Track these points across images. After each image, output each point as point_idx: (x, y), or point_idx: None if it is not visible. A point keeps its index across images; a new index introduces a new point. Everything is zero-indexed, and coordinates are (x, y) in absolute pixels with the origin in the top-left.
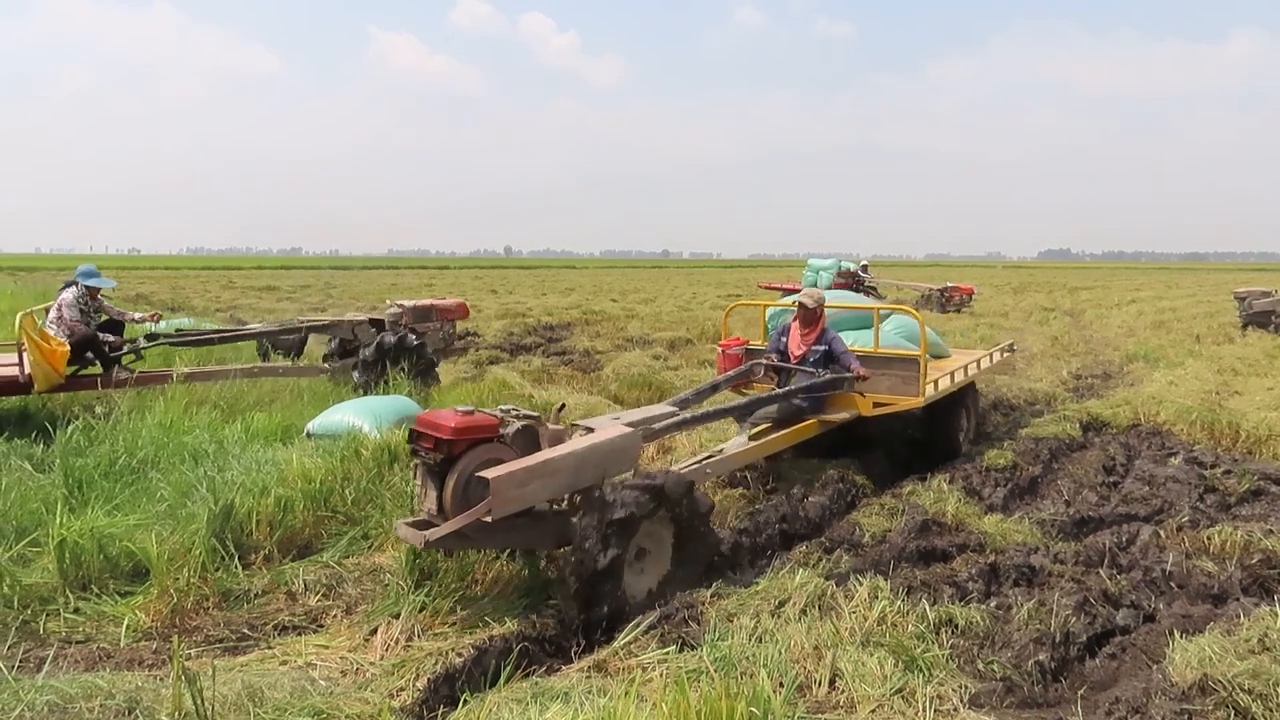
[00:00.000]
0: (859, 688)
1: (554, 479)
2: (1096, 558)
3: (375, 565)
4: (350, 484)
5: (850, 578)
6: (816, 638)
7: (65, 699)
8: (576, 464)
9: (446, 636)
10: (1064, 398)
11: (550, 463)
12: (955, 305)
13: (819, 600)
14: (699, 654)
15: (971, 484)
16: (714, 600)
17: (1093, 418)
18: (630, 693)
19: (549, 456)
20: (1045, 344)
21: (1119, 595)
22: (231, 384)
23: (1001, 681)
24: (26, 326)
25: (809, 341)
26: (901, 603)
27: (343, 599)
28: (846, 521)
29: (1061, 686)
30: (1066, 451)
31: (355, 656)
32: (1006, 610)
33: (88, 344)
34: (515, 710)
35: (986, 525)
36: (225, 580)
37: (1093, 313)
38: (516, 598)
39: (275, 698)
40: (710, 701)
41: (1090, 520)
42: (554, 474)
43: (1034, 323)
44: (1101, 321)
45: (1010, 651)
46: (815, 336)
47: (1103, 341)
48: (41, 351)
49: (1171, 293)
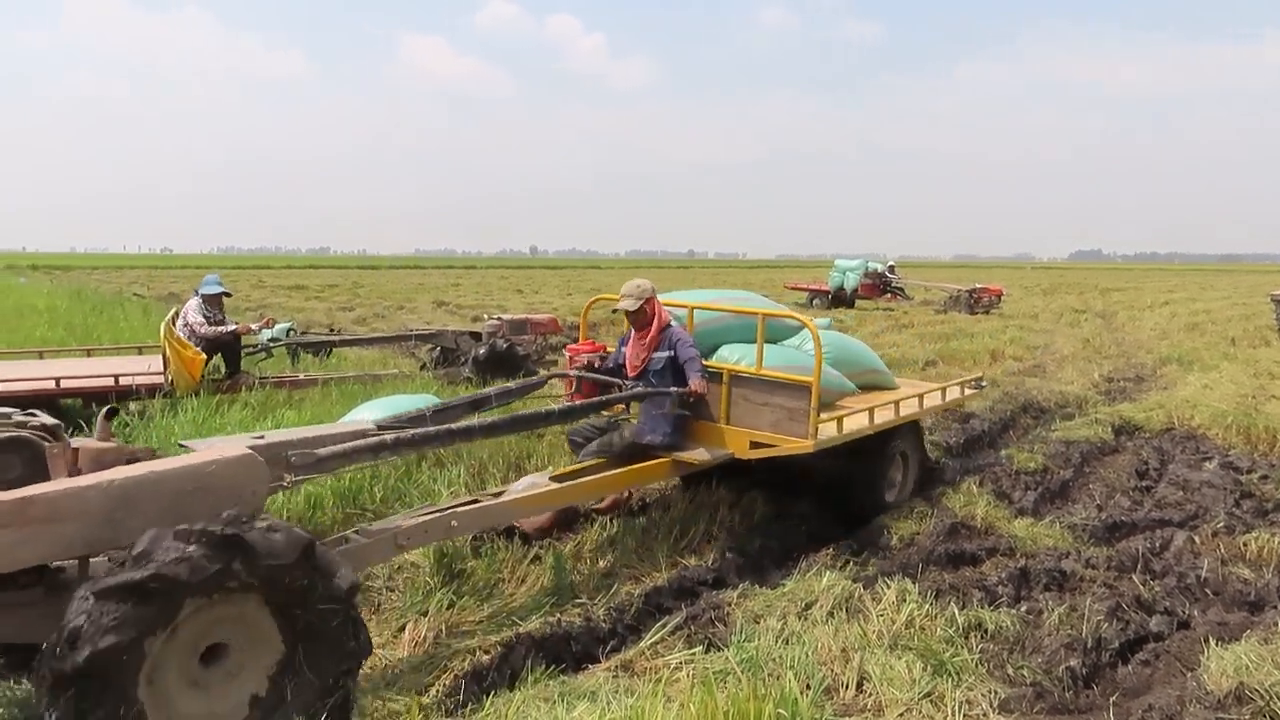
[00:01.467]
0: (887, 691)
1: (51, 529)
2: (1129, 563)
3: (404, 563)
4: (378, 482)
5: (878, 580)
6: (844, 640)
7: None
8: (106, 506)
9: (474, 634)
10: (1095, 400)
11: (35, 502)
12: (984, 307)
13: (846, 602)
14: (725, 655)
15: (1001, 487)
16: (740, 601)
17: (1125, 421)
18: (657, 692)
19: (37, 492)
20: (1076, 346)
21: (1152, 601)
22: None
23: (1032, 687)
24: (168, 336)
25: (646, 348)
26: (930, 606)
27: (372, 596)
28: (874, 524)
29: (1093, 693)
30: (1098, 455)
31: (384, 653)
32: (1037, 615)
33: (220, 349)
34: (543, 709)
35: (1016, 529)
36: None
37: (1125, 315)
38: (543, 596)
39: None
40: (738, 702)
41: (1123, 525)
42: (50, 520)
43: (1065, 324)
44: (1134, 323)
45: (1041, 657)
46: (653, 341)
47: (1135, 344)
48: (181, 360)
49: (1206, 295)
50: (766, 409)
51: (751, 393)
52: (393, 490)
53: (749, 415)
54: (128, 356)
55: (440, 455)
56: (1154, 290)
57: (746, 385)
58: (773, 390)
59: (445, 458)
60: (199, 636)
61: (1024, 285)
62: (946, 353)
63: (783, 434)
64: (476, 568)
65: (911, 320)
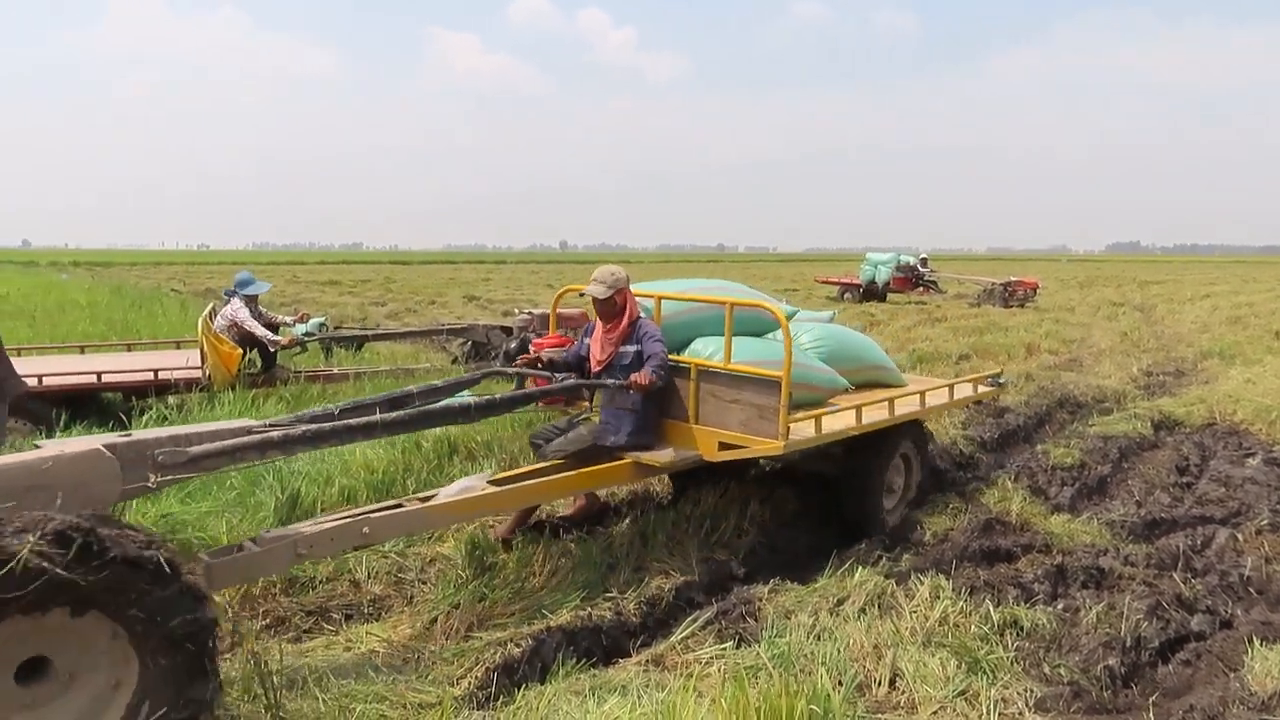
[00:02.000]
0: (920, 688)
1: None
2: (1169, 561)
3: (436, 555)
4: (411, 475)
5: (911, 576)
6: (876, 636)
7: None
8: None
9: (505, 627)
10: (1134, 395)
11: None
12: (1019, 300)
13: (879, 599)
14: (757, 650)
15: (1037, 483)
16: (771, 596)
17: (1165, 416)
18: (688, 687)
19: None
20: (1114, 340)
21: (1193, 600)
22: None
23: (1069, 686)
24: (205, 331)
25: (614, 342)
26: (964, 603)
27: (404, 588)
28: (907, 518)
29: (1132, 693)
30: (1137, 450)
31: (416, 645)
32: (1074, 613)
33: (255, 346)
34: (574, 702)
35: (1053, 525)
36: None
37: (1164, 307)
38: (574, 590)
39: (340, 683)
40: (769, 698)
41: (1162, 522)
42: None
43: (1102, 318)
44: (1173, 317)
45: (1078, 655)
46: (622, 334)
47: (1175, 337)
48: (218, 354)
49: (1249, 287)
50: (736, 407)
51: (720, 389)
52: (424, 483)
53: (717, 414)
54: (166, 351)
55: (471, 448)
56: (1194, 282)
57: (715, 381)
58: (741, 386)
59: (476, 450)
60: (13, 649)
61: (1059, 278)
62: (980, 346)
63: (752, 434)
64: (508, 560)
65: (944, 314)
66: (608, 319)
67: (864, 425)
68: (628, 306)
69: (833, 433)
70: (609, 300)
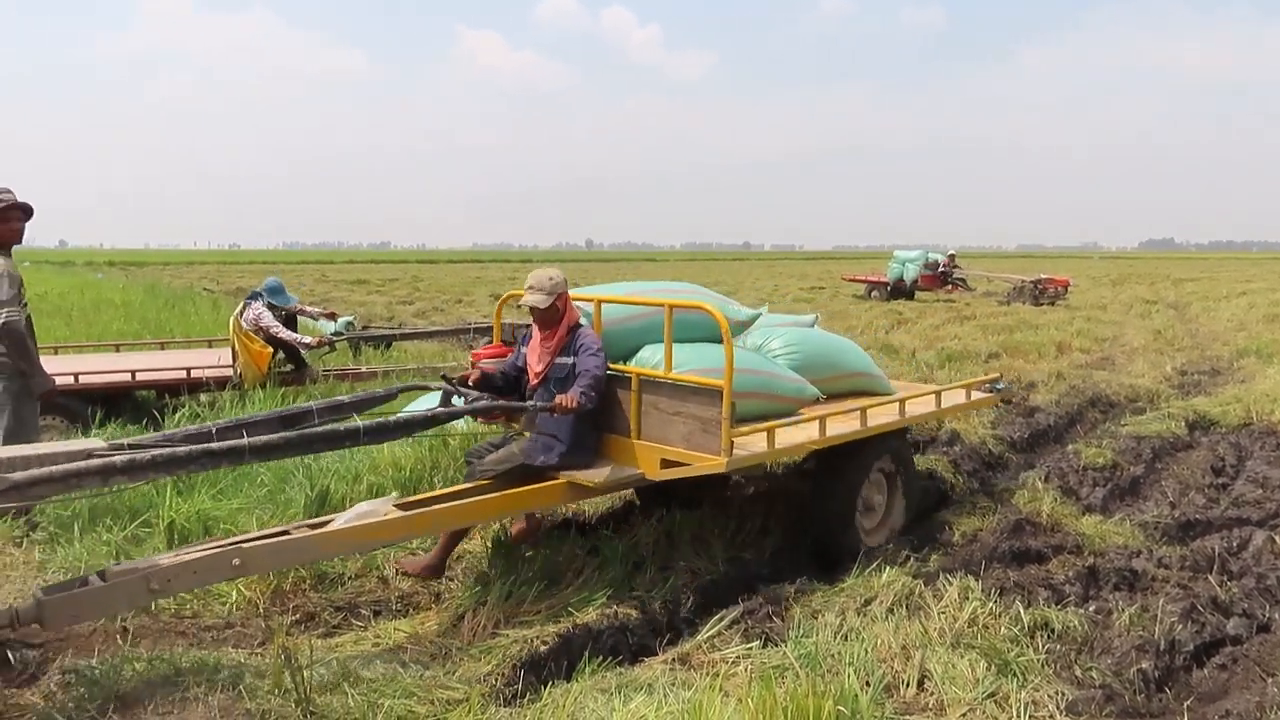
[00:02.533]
0: (949, 690)
1: None
2: (1204, 563)
3: (463, 552)
4: (438, 473)
5: (939, 577)
6: (904, 637)
7: (175, 672)
8: None
9: (531, 624)
10: (1168, 395)
11: None
12: (1050, 298)
13: (907, 599)
14: (783, 650)
15: (1068, 483)
16: (798, 596)
17: (1200, 416)
18: (715, 686)
19: None
20: (1147, 338)
21: (1229, 603)
22: None
23: (1101, 689)
24: (236, 330)
25: (551, 352)
26: (994, 604)
27: (432, 585)
28: (936, 520)
29: (1166, 697)
30: (1171, 451)
31: (444, 641)
32: (1106, 615)
33: (283, 347)
34: (600, 700)
35: (1084, 526)
36: (320, 563)
37: (1199, 305)
38: (600, 588)
39: (369, 678)
40: (797, 698)
41: (1197, 523)
42: None
43: (1135, 316)
44: (1208, 315)
45: (1110, 658)
46: (559, 343)
47: (1210, 336)
48: (249, 353)
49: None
50: (679, 420)
51: (663, 400)
52: (452, 481)
53: (660, 427)
54: (198, 350)
55: None
56: (1230, 280)
57: (658, 392)
58: (685, 397)
59: None
60: None
61: (1091, 275)
62: (1010, 345)
63: (696, 449)
64: (535, 558)
65: (974, 312)
66: (546, 327)
67: (828, 438)
68: (566, 313)
69: (789, 447)
70: (550, 309)
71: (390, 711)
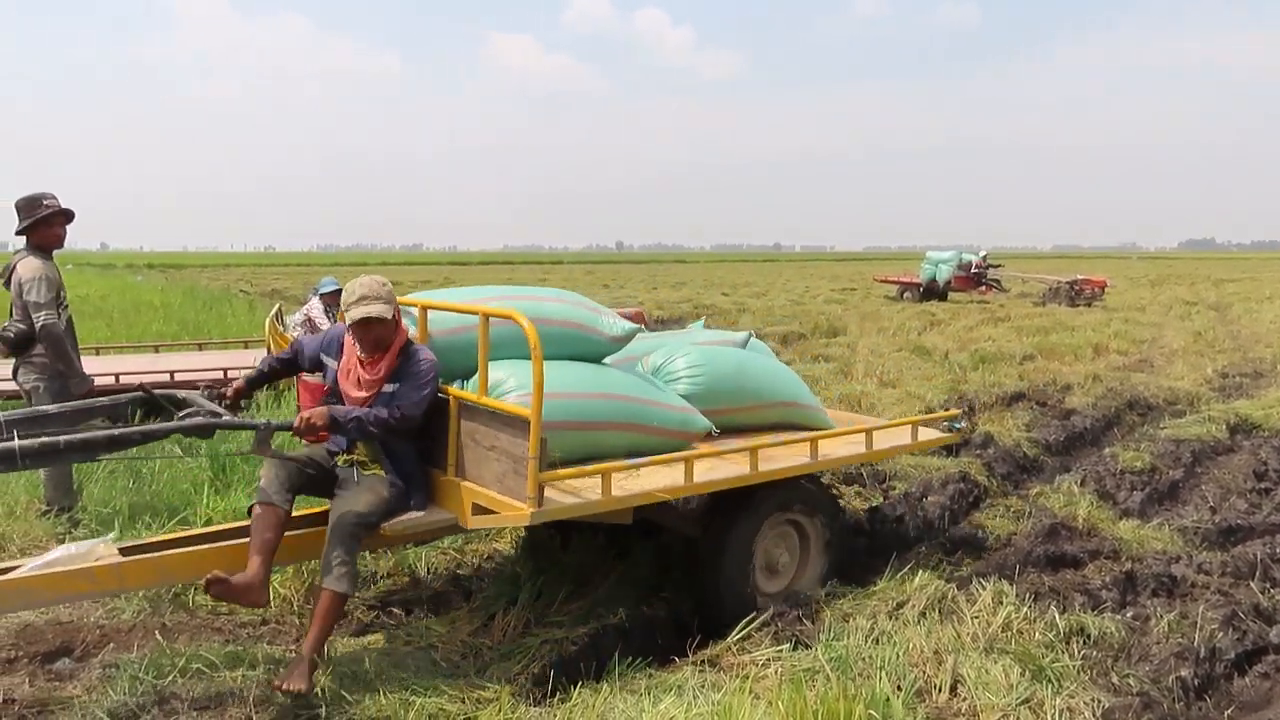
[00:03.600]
0: (982, 695)
1: None
2: (1246, 569)
3: (493, 552)
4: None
5: (973, 581)
6: (936, 642)
7: (211, 667)
8: None
9: (561, 625)
10: (1208, 397)
11: None
12: (1086, 299)
13: (939, 603)
14: (814, 653)
15: (1105, 487)
16: (829, 600)
17: (1241, 419)
18: (745, 689)
19: None
20: (1187, 340)
21: (1272, 610)
22: None
23: (1138, 697)
24: (272, 331)
25: (380, 378)
26: (1028, 609)
27: (463, 584)
28: (969, 523)
29: (1206, 705)
30: (1211, 455)
31: (474, 640)
32: (1144, 621)
33: None
34: (629, 701)
35: (1122, 531)
36: None
37: (1240, 306)
38: (629, 589)
39: (400, 676)
40: (827, 702)
41: (1239, 529)
42: None
43: (1174, 317)
44: (1251, 316)
45: (1148, 665)
46: (389, 368)
47: (1252, 338)
48: None
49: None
50: (492, 455)
51: (480, 430)
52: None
53: (477, 464)
54: (235, 350)
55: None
56: (1273, 280)
57: (475, 419)
58: (500, 428)
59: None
60: None
61: (1129, 276)
62: (1045, 347)
63: (507, 494)
64: (565, 560)
65: (1008, 313)
66: (376, 349)
67: (695, 485)
68: (399, 330)
69: (634, 495)
70: (388, 323)
71: (422, 709)
